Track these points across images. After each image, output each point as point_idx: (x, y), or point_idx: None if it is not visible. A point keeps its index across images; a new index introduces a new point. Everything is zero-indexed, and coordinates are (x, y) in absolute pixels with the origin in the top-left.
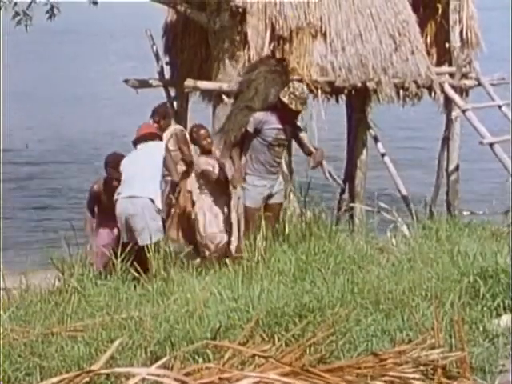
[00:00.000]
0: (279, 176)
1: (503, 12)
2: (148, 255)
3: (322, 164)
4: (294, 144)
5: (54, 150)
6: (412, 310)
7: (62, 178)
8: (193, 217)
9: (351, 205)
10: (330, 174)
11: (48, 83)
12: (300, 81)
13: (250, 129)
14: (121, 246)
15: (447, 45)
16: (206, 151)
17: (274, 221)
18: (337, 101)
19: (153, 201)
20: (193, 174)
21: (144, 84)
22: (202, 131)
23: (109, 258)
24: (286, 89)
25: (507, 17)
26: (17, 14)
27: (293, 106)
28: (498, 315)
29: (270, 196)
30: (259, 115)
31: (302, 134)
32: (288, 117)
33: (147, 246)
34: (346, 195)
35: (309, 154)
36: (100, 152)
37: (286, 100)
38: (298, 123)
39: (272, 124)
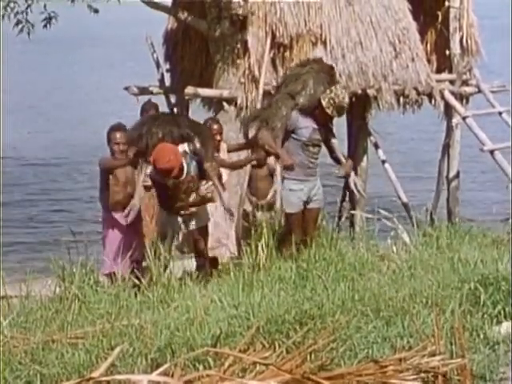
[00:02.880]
0: (317, 178)
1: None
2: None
3: (349, 175)
4: None
5: (54, 157)
6: (413, 317)
7: (61, 186)
8: None
9: (352, 212)
10: (356, 186)
11: (47, 92)
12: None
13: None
14: None
15: (447, 52)
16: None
17: (313, 227)
18: None
19: None
20: None
21: (144, 91)
22: (216, 126)
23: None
24: (328, 91)
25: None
26: (19, 22)
27: (329, 111)
28: (499, 322)
29: (308, 200)
30: (295, 113)
31: (334, 140)
32: (322, 119)
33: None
34: (346, 202)
35: (336, 160)
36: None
37: (324, 103)
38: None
39: (307, 123)
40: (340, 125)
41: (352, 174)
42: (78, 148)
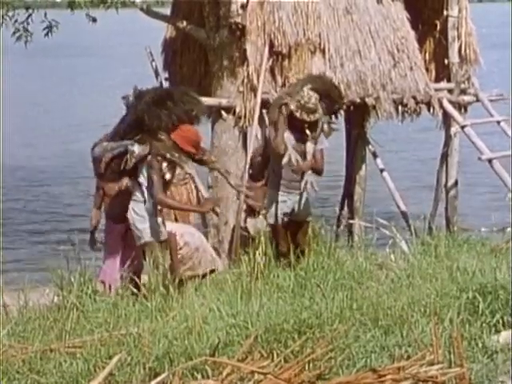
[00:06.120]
0: (304, 192)
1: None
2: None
3: (302, 172)
4: None
5: (55, 168)
6: (411, 326)
7: (57, 194)
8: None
9: (350, 221)
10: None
11: (41, 101)
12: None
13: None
14: None
15: (446, 61)
16: None
17: (303, 240)
18: (336, 117)
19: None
20: None
21: None
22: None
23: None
24: (295, 96)
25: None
26: (17, 30)
27: (297, 115)
28: (497, 331)
29: (293, 214)
30: None
31: (309, 144)
32: (298, 125)
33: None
34: (345, 211)
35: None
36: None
37: (292, 107)
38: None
39: (286, 134)
40: (339, 134)
41: (309, 172)
42: (75, 157)
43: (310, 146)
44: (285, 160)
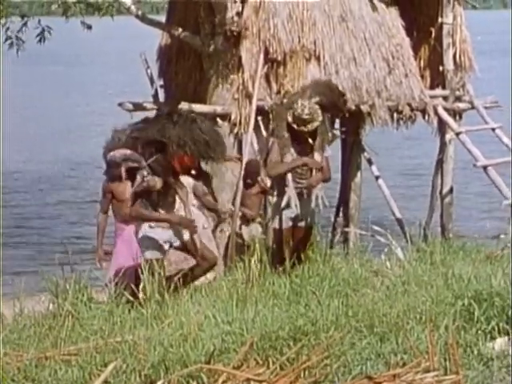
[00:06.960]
0: (309, 199)
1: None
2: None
3: (313, 186)
4: None
5: (48, 175)
6: (406, 334)
7: (51, 200)
8: None
9: (346, 229)
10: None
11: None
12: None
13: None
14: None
15: (441, 68)
16: None
17: (304, 246)
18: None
19: None
20: None
21: (138, 107)
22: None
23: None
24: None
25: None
26: (9, 37)
27: (295, 126)
28: (493, 338)
29: (297, 219)
30: None
31: (317, 155)
32: (299, 136)
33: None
34: (340, 218)
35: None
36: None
37: (289, 119)
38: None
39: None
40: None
41: (319, 186)
42: (70, 163)
43: (317, 156)
44: (283, 204)
